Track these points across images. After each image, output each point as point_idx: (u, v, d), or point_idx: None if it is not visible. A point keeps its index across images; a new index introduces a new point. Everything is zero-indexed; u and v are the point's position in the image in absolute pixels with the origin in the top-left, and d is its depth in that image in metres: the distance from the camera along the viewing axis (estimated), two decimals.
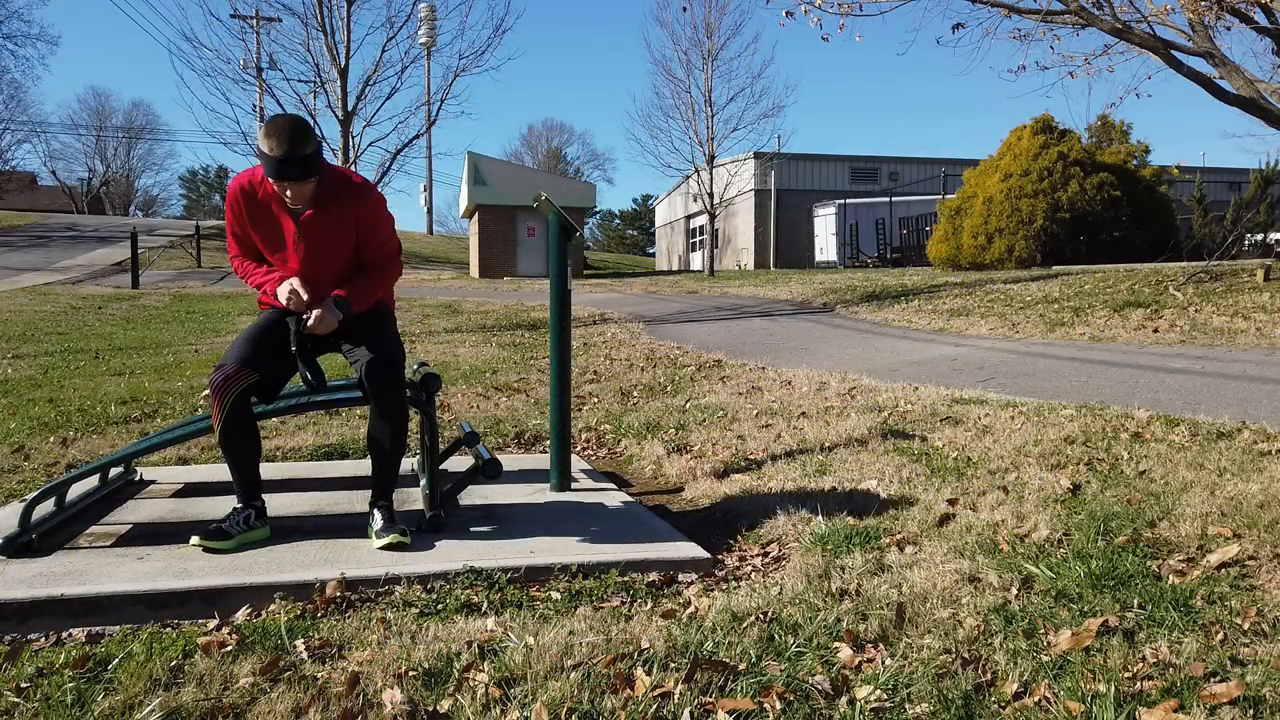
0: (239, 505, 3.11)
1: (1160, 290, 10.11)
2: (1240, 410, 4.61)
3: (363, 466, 4.12)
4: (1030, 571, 2.64)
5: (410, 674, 2.16)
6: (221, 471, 4.31)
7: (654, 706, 1.98)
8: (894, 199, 29.40)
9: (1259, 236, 17.16)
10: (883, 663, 2.16)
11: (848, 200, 31.16)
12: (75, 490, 3.47)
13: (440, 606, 2.63)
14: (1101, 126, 25.78)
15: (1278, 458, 3.59)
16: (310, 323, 3.03)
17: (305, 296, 3.04)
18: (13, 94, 65.05)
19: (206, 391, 6.45)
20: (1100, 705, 1.89)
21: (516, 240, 29.02)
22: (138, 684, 2.13)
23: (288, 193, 2.95)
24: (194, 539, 2.98)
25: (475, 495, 3.76)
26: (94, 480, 3.70)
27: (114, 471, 3.84)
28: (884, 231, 28.48)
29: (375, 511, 3.15)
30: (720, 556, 3.15)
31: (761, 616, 2.44)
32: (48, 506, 3.24)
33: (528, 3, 55.73)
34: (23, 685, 2.15)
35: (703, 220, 34.83)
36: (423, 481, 3.46)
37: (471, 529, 3.30)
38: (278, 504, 3.47)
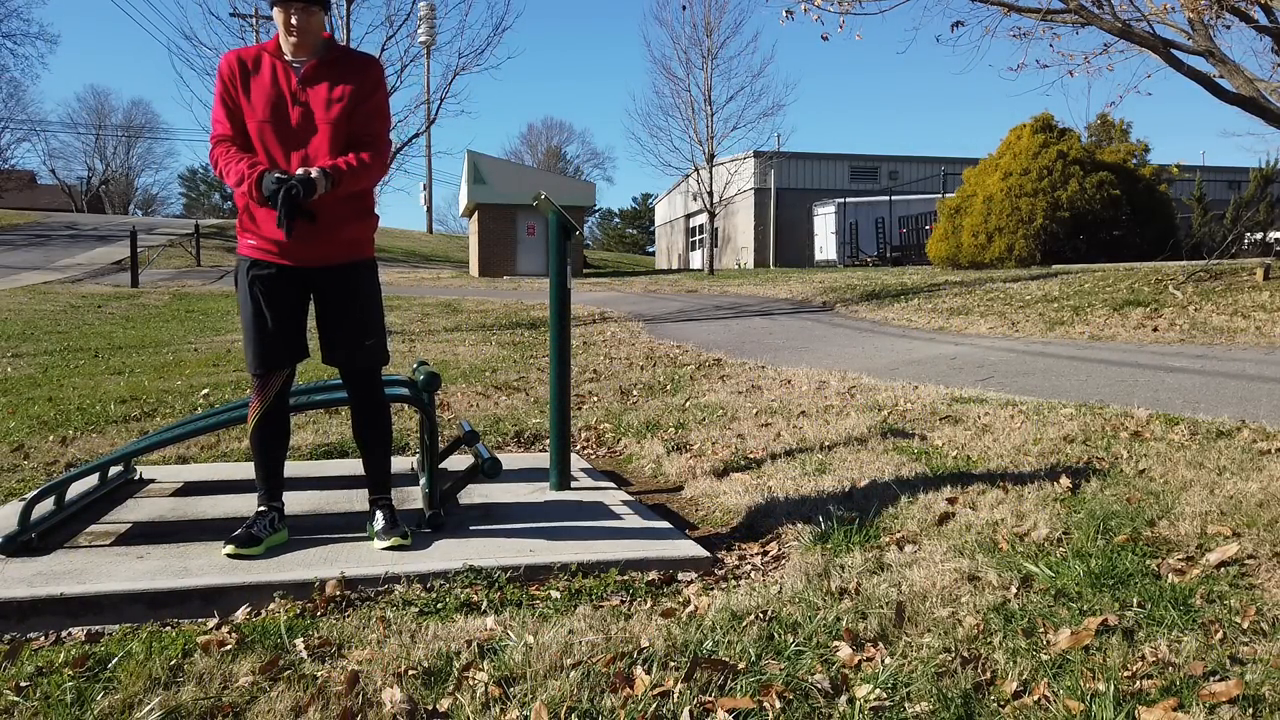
0: (262, 508, 3.09)
1: (1160, 289, 10.11)
2: (1240, 409, 4.61)
3: (362, 465, 4.11)
4: (1030, 570, 2.64)
5: (410, 673, 2.16)
6: (221, 471, 4.31)
7: (654, 705, 1.98)
8: (894, 198, 29.39)
9: (1259, 235, 17.14)
10: (882, 661, 2.16)
11: (847, 199, 31.16)
12: (75, 489, 3.47)
13: (440, 605, 2.63)
14: (1101, 125, 25.79)
15: (1277, 456, 3.59)
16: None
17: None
18: (12, 92, 65.28)
19: (206, 390, 6.46)
20: (1100, 704, 1.89)
21: (516, 239, 29.02)
22: (137, 683, 2.13)
23: (294, 20, 2.83)
24: (227, 548, 2.90)
25: (475, 494, 3.76)
26: (93, 479, 3.70)
27: (113, 470, 3.84)
28: (884, 230, 28.48)
29: (376, 511, 3.15)
30: (720, 555, 3.15)
31: (761, 615, 2.44)
32: (47, 505, 3.24)
33: (527, 1, 55.79)
34: (22, 684, 2.15)
35: (702, 219, 34.83)
36: (422, 480, 3.46)
37: (471, 528, 3.30)
38: None
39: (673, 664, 2.16)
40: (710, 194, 25.34)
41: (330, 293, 3.03)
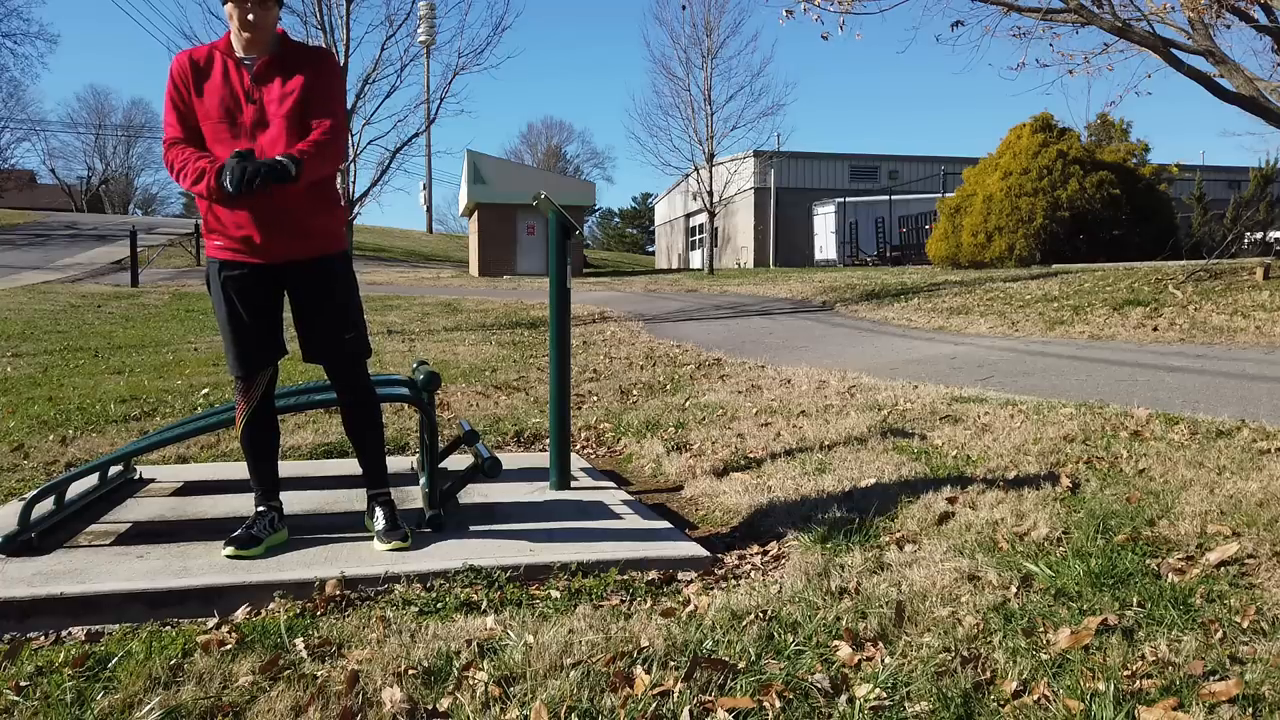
0: (261, 508, 3.08)
1: (1160, 289, 10.10)
2: (1240, 408, 4.61)
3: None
4: (1029, 570, 2.64)
5: (410, 672, 2.16)
6: (221, 470, 4.31)
7: (653, 705, 1.98)
8: (894, 197, 29.39)
9: (1258, 235, 17.13)
10: (882, 661, 2.16)
11: (847, 199, 31.15)
12: (75, 489, 3.47)
13: (440, 605, 2.63)
14: (1101, 125, 25.77)
15: (1277, 456, 3.59)
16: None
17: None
18: (12, 92, 65.19)
19: (206, 390, 6.46)
20: (1099, 703, 1.89)
21: (516, 239, 29.02)
22: (137, 682, 2.13)
23: (250, 16, 2.79)
24: (226, 549, 2.89)
25: (475, 494, 3.75)
26: (93, 479, 3.70)
27: (113, 470, 3.84)
28: (883, 230, 28.47)
29: (376, 508, 3.14)
30: (720, 555, 3.15)
31: (761, 615, 2.44)
32: (47, 505, 3.24)
33: (527, 1, 55.69)
34: (22, 684, 2.15)
35: (702, 219, 34.82)
36: (422, 480, 3.46)
37: (471, 527, 3.30)
38: None
39: (673, 663, 2.16)
40: (710, 193, 25.34)
41: (304, 289, 2.97)
